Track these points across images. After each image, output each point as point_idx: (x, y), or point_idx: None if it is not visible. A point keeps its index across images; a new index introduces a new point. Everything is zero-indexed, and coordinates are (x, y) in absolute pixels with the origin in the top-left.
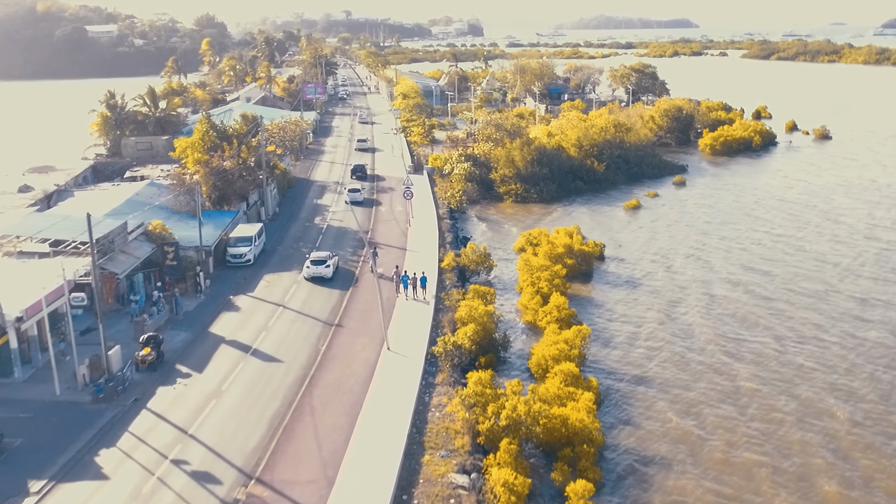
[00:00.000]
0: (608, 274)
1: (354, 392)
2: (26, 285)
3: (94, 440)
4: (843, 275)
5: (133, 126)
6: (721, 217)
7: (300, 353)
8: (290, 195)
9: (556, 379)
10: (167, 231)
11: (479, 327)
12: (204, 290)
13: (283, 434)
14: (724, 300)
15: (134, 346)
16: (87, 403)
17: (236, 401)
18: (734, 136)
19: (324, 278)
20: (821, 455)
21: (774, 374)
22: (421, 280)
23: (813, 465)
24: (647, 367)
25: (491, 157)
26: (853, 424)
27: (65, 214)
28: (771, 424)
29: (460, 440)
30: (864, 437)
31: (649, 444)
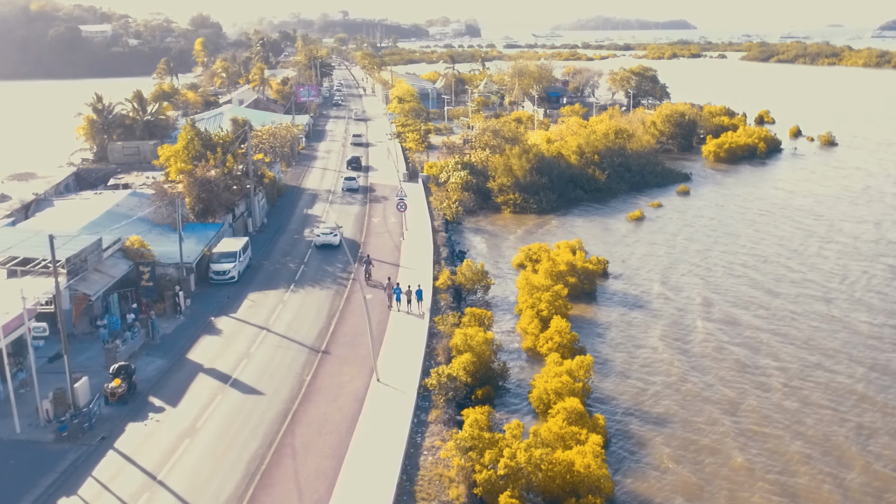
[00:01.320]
0: (612, 293)
1: (340, 431)
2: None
3: (53, 486)
4: (850, 292)
5: (121, 130)
6: (727, 230)
7: (283, 384)
8: (280, 204)
9: (559, 417)
10: (146, 247)
11: (476, 357)
12: (184, 311)
13: (262, 480)
14: (732, 324)
15: (104, 376)
16: (50, 443)
17: (212, 440)
18: (738, 142)
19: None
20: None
21: (782, 410)
22: (417, 293)
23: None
24: (657, 401)
25: (488, 165)
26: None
27: (37, 230)
28: (784, 468)
29: (455, 490)
30: (878, 474)
31: (665, 492)
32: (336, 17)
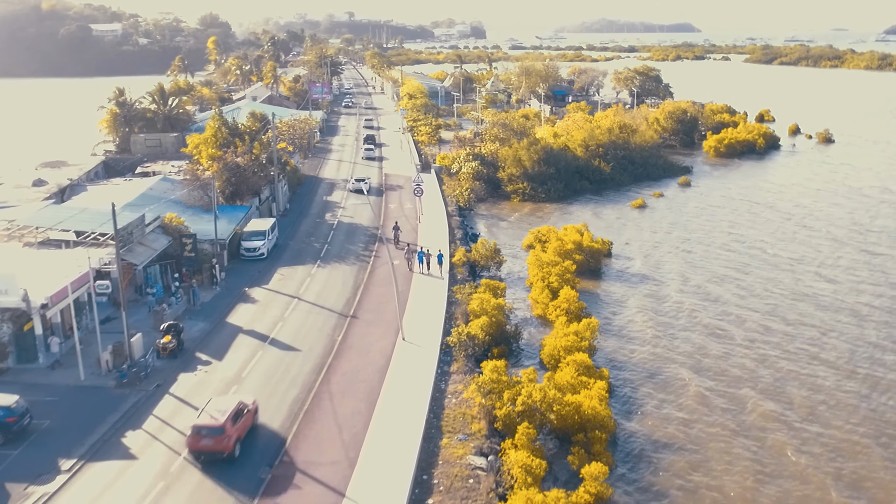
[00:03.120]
0: (616, 270)
1: (372, 380)
2: (49, 274)
3: (120, 422)
4: (826, 271)
5: (142, 123)
6: (721, 217)
7: (317, 343)
8: (300, 192)
9: (569, 369)
10: (183, 224)
11: (492, 319)
12: (219, 282)
13: (304, 418)
14: (714, 296)
15: (153, 335)
16: (111, 388)
17: (256, 387)
18: (738, 138)
19: (361, 192)
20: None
21: (752, 358)
22: (438, 257)
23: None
24: (656, 359)
25: (498, 157)
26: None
27: (82, 207)
28: (773, 409)
29: (477, 425)
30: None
31: (659, 431)
32: (342, 17)
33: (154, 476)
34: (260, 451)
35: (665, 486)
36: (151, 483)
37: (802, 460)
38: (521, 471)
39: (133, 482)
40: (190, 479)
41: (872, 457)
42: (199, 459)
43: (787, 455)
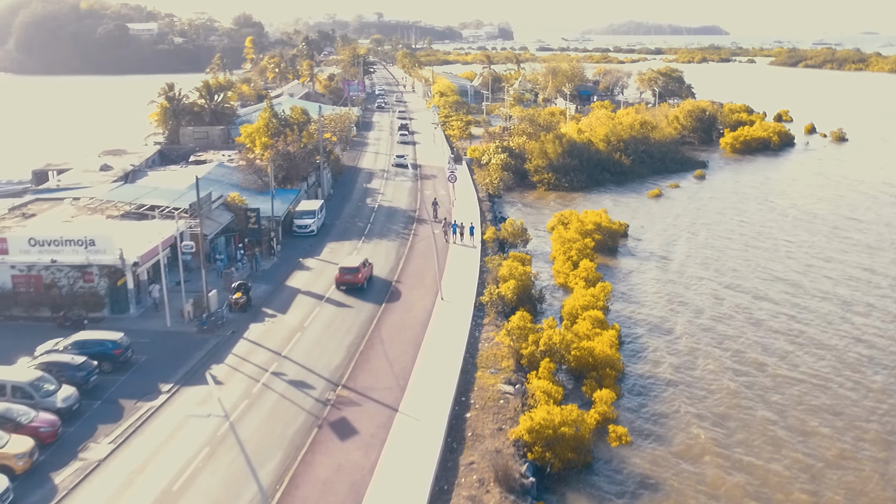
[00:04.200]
0: (631, 249)
1: (416, 329)
2: (133, 240)
3: (205, 358)
4: (815, 251)
5: (189, 117)
6: (731, 206)
7: (367, 301)
8: (341, 180)
9: (585, 322)
10: (243, 202)
11: (519, 283)
12: (277, 253)
13: (360, 357)
14: (720, 271)
15: (224, 294)
16: (194, 333)
17: (317, 334)
18: (754, 135)
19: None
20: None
21: (748, 321)
22: (470, 229)
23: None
24: (661, 318)
25: (525, 149)
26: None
27: (154, 186)
28: (759, 358)
29: (506, 362)
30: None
31: (661, 372)
32: (371, 18)
33: (238, 396)
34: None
35: (663, 412)
36: (237, 401)
37: (778, 398)
38: (542, 394)
39: (222, 401)
40: (269, 398)
41: (846, 393)
42: (342, 289)
43: (768, 389)
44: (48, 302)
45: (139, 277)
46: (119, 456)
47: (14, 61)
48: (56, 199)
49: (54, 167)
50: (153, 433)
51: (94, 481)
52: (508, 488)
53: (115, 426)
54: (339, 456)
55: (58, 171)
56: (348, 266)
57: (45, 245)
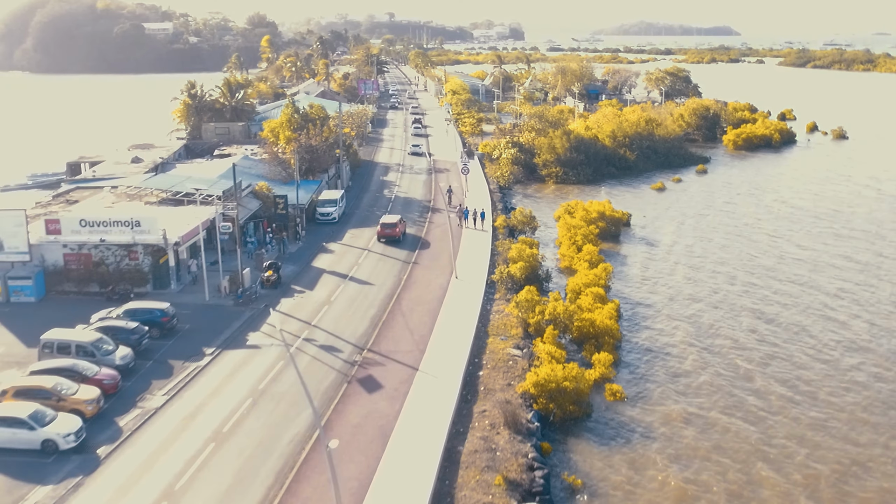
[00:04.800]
0: (632, 236)
1: (432, 303)
2: (173, 222)
3: (242, 327)
4: (796, 236)
5: (211, 113)
6: (727, 198)
7: (387, 280)
8: (359, 173)
9: (587, 297)
10: (270, 191)
11: (527, 264)
12: (302, 238)
13: (383, 326)
14: (713, 256)
15: (255, 273)
16: (230, 306)
17: (343, 307)
18: (756, 133)
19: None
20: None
21: (733, 294)
22: (481, 214)
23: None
24: (658, 297)
25: (534, 145)
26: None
27: (186, 175)
28: (740, 336)
29: (515, 330)
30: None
31: (655, 342)
32: (382, 18)
33: (273, 358)
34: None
35: (655, 374)
36: (272, 363)
37: (752, 366)
38: (546, 355)
39: (259, 362)
40: (302, 359)
41: (827, 373)
42: (382, 241)
43: (751, 360)
44: (97, 278)
45: (179, 256)
46: (172, 405)
47: (32, 60)
48: (96, 187)
49: (87, 160)
50: (201, 387)
51: (153, 425)
52: (516, 430)
53: (167, 381)
54: (367, 405)
55: (90, 164)
56: (388, 222)
57: (95, 226)
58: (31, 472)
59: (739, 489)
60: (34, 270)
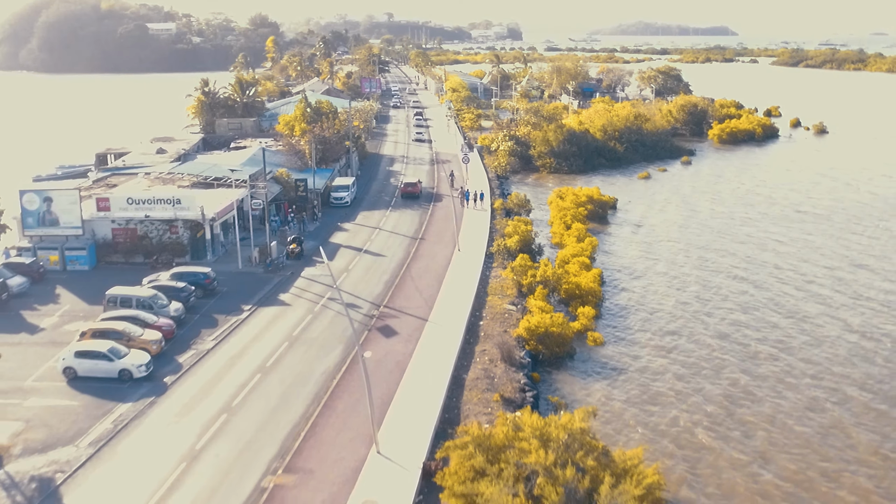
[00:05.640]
0: (619, 218)
1: (438, 271)
2: (206, 201)
3: (273, 289)
4: (765, 221)
5: (223, 110)
6: (706, 186)
7: (397, 252)
8: (366, 163)
9: (574, 265)
10: (289, 176)
11: (521, 238)
12: (318, 218)
13: (396, 288)
14: (689, 233)
15: (280, 247)
16: (260, 274)
17: (360, 274)
18: (739, 127)
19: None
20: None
21: (714, 266)
22: (480, 195)
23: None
24: (637, 267)
25: (530, 138)
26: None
27: (213, 163)
28: (710, 295)
29: (510, 290)
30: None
31: (632, 302)
32: (381, 18)
33: (303, 313)
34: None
35: (630, 326)
36: (302, 316)
37: (716, 321)
38: (537, 308)
39: (291, 316)
40: (328, 314)
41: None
42: (403, 197)
43: (709, 315)
44: (141, 250)
45: (214, 231)
46: (221, 348)
47: (37, 60)
48: (130, 173)
49: (113, 151)
50: (243, 335)
51: (207, 362)
52: (511, 364)
53: (214, 330)
54: (385, 347)
55: (115, 155)
56: (409, 181)
57: (140, 203)
58: (113, 394)
59: (693, 403)
60: (87, 243)
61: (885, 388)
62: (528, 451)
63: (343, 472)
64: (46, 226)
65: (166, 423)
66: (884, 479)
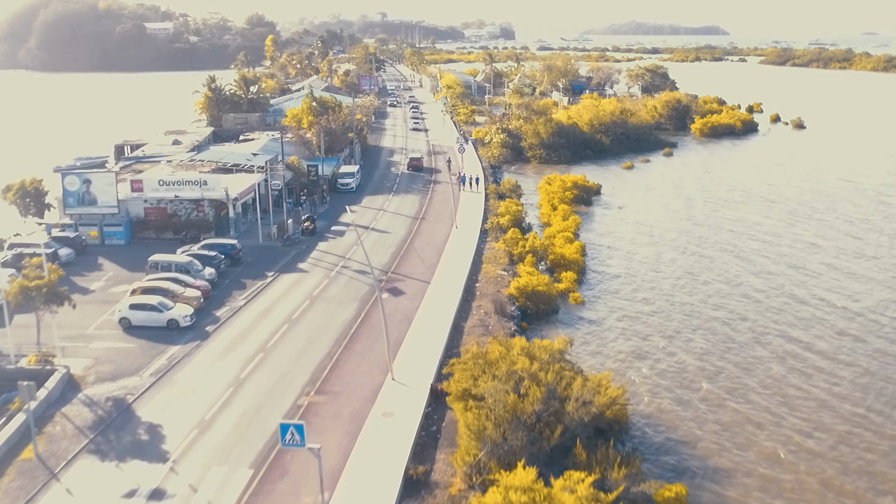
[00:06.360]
0: (602, 202)
1: (438, 245)
2: (229, 184)
3: (292, 259)
4: (746, 193)
5: (229, 106)
6: (689, 174)
7: (400, 230)
8: (367, 155)
9: (559, 239)
10: (300, 163)
11: (512, 217)
12: (327, 201)
13: (401, 258)
14: (667, 214)
15: (295, 225)
16: (279, 247)
17: (369, 247)
18: (720, 122)
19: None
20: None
21: (692, 240)
22: (475, 179)
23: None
24: (617, 244)
25: (521, 131)
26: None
27: (230, 151)
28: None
29: (503, 259)
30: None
31: (610, 270)
32: (375, 18)
33: (320, 278)
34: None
35: (607, 289)
36: (319, 280)
37: (684, 282)
38: (526, 273)
39: (310, 280)
40: (342, 278)
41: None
42: (410, 170)
43: (681, 278)
44: (171, 226)
45: (236, 209)
46: (251, 305)
47: (35, 59)
48: (153, 161)
49: (130, 143)
50: (270, 295)
51: (241, 316)
52: (503, 315)
53: (244, 291)
54: (395, 303)
55: (132, 147)
56: (415, 156)
57: (170, 185)
58: (164, 339)
59: (655, 343)
60: (123, 220)
61: (814, 323)
62: (517, 362)
63: (364, 393)
64: (86, 205)
65: (212, 361)
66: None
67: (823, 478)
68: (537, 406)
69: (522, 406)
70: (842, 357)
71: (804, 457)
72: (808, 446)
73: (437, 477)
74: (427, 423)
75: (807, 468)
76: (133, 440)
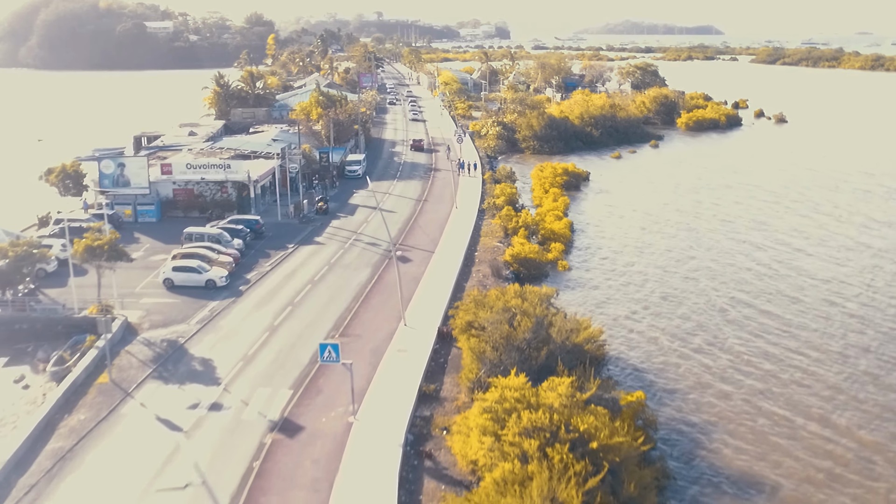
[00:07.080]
0: (591, 187)
1: (440, 222)
2: (248, 168)
3: (309, 234)
4: (714, 193)
5: (236, 101)
6: (673, 163)
7: (405, 209)
8: (371, 146)
9: (550, 217)
10: (311, 151)
11: (507, 198)
12: (337, 185)
13: (408, 232)
14: (652, 199)
15: (309, 205)
16: (296, 224)
17: (377, 224)
18: (705, 116)
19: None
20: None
21: (667, 222)
22: (473, 165)
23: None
24: (603, 222)
25: (516, 124)
26: None
27: (246, 139)
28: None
29: (499, 233)
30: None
31: (595, 243)
32: (371, 17)
33: (336, 249)
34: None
35: (591, 258)
36: (335, 251)
37: (659, 257)
38: (518, 243)
39: (327, 251)
40: (355, 249)
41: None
42: (413, 149)
43: (655, 254)
44: (197, 206)
45: (256, 191)
46: (277, 270)
47: (37, 58)
48: (175, 149)
49: (147, 134)
50: (292, 262)
51: (268, 279)
52: (499, 277)
53: (268, 259)
54: (403, 268)
55: (150, 138)
56: (417, 137)
57: (197, 168)
58: (203, 296)
59: (631, 302)
60: (154, 199)
61: (778, 292)
62: (511, 301)
63: (381, 335)
64: (119, 186)
65: (248, 312)
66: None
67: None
68: (528, 334)
69: (515, 334)
70: (789, 295)
71: (751, 375)
72: (758, 368)
73: (445, 394)
74: (435, 356)
75: (749, 386)
76: (189, 370)
